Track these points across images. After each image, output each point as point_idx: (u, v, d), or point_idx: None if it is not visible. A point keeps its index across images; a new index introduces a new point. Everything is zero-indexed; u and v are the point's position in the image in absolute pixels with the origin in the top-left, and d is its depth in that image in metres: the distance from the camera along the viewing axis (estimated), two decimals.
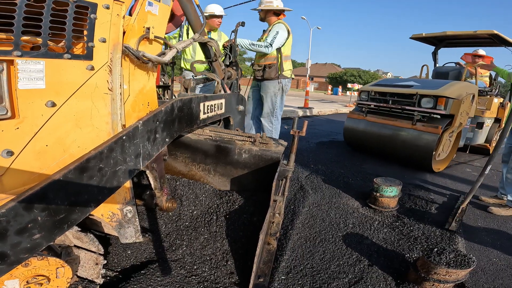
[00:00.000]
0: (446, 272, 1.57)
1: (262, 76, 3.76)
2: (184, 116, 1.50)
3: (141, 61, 1.23)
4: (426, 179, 3.79)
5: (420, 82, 4.39)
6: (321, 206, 2.60)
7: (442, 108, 3.78)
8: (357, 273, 1.76)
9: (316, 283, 1.65)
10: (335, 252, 1.95)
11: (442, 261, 1.57)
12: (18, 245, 0.81)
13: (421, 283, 1.64)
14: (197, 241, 1.76)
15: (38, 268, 1.06)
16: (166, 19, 1.34)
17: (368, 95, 4.58)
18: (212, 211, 1.94)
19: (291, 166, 1.90)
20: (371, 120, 4.50)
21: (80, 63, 1.06)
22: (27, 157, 0.98)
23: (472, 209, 2.94)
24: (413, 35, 5.66)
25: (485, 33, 4.83)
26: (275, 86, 3.79)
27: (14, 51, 0.94)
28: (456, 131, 3.94)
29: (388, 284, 1.69)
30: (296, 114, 9.32)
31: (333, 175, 3.59)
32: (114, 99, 1.14)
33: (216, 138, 2.10)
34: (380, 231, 2.28)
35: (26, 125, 0.97)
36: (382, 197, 2.64)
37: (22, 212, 0.81)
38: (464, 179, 3.94)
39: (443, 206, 2.90)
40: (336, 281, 1.67)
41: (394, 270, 1.81)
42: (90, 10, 1.06)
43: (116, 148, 1.05)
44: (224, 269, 1.61)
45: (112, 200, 1.20)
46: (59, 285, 1.12)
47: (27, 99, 0.97)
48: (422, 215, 2.65)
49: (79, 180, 0.94)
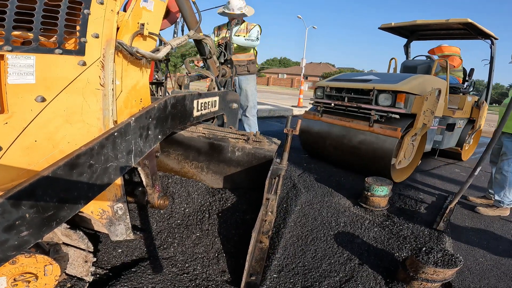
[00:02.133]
0: (434, 272, 1.58)
1: (248, 71, 4.08)
2: (177, 113, 1.49)
3: (134, 57, 1.21)
4: (416, 178, 3.84)
5: (380, 76, 3.74)
6: (313, 205, 2.62)
7: (401, 106, 3.15)
8: (348, 271, 1.78)
9: (308, 281, 1.66)
10: (327, 251, 1.97)
11: (430, 261, 1.59)
12: (5, 243, 0.80)
13: (409, 282, 1.66)
14: (189, 239, 1.75)
15: (26, 266, 1.05)
16: (161, 15, 1.32)
17: (323, 92, 3.84)
18: (204, 209, 1.93)
19: (284, 164, 1.90)
20: (326, 121, 3.84)
21: (71, 59, 1.04)
22: (15, 153, 0.97)
23: (460, 209, 2.99)
24: (382, 25, 4.92)
25: (457, 22, 4.14)
26: (255, 80, 4.19)
27: (4, 46, 0.92)
28: (420, 133, 3.27)
29: (378, 283, 1.71)
30: (290, 113, 9.35)
31: (325, 174, 3.61)
32: (106, 95, 1.13)
33: (210, 136, 2.09)
34: (370, 230, 2.31)
35: (14, 120, 0.96)
36: (373, 196, 2.66)
37: (9, 209, 0.79)
38: (453, 179, 4.00)
39: (432, 206, 2.95)
40: (327, 280, 1.69)
41: (384, 269, 1.84)
42: (84, 5, 1.05)
43: (107, 144, 1.04)
44: (216, 267, 1.61)
45: (102, 197, 1.18)
46: (47, 282, 1.11)
47: (17, 94, 0.95)
48: (411, 214, 2.69)
49: (69, 176, 0.93)
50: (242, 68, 4.07)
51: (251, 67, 4.11)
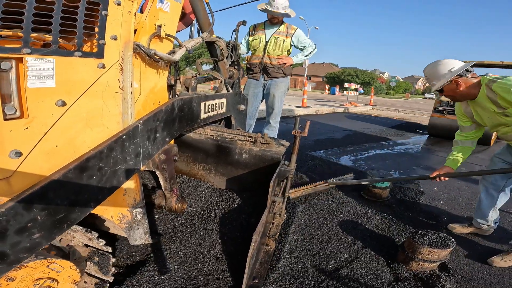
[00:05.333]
0: (429, 252, 1.71)
1: (283, 73, 3.77)
2: (184, 116, 1.48)
3: (152, 60, 1.20)
4: (417, 172, 3.97)
5: None
6: (319, 197, 2.73)
7: None
8: (352, 253, 1.92)
9: (316, 261, 1.82)
10: (332, 236, 2.11)
11: (425, 242, 1.73)
12: (17, 245, 0.80)
13: (408, 263, 1.79)
14: (192, 238, 1.73)
15: (46, 270, 1.03)
16: (178, 16, 1.31)
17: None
18: (211, 208, 1.92)
19: (292, 167, 1.88)
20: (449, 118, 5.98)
21: (91, 61, 1.02)
22: (36, 158, 0.95)
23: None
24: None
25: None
26: (286, 85, 3.86)
27: (23, 48, 0.90)
28: None
29: (380, 263, 1.84)
30: (294, 113, 9.32)
31: (329, 169, 3.76)
32: (125, 98, 1.11)
33: (217, 138, 2.08)
34: (372, 219, 2.42)
35: (35, 125, 0.94)
36: (375, 188, 2.77)
37: (21, 212, 0.80)
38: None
39: (430, 197, 3.09)
40: (334, 260, 1.84)
41: (385, 252, 1.97)
42: (102, 6, 1.03)
43: (116, 147, 1.04)
44: (218, 268, 1.59)
45: (122, 201, 1.17)
46: (67, 286, 1.09)
47: (37, 98, 0.93)
48: (411, 205, 2.81)
49: (79, 179, 0.93)
50: (277, 70, 3.73)
51: (287, 69, 3.77)
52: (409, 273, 1.75)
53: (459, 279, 1.79)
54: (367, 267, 1.79)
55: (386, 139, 6.41)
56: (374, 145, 5.64)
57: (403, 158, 4.84)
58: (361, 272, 1.74)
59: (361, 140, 6.05)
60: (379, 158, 4.72)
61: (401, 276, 1.73)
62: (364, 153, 4.93)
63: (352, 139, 6.11)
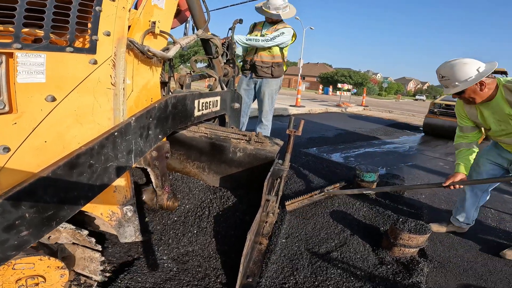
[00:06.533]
0: (409, 237, 1.86)
1: (271, 74, 3.76)
2: (178, 113, 1.47)
3: (145, 56, 1.19)
4: (403, 169, 4.19)
5: None
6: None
7: None
8: (341, 239, 2.09)
9: (309, 245, 1.98)
10: (324, 224, 2.29)
11: (405, 228, 1.88)
12: (5, 242, 0.79)
13: (391, 248, 1.93)
14: (185, 237, 1.72)
15: (34, 268, 1.02)
16: (173, 13, 1.30)
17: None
18: (204, 205, 1.92)
19: (286, 165, 1.89)
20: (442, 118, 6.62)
21: (83, 57, 1.01)
22: (24, 154, 0.94)
23: None
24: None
25: None
26: (277, 84, 3.86)
27: (14, 43, 0.89)
28: None
29: (367, 249, 2.00)
30: (288, 112, 9.35)
31: (321, 165, 3.85)
32: (117, 94, 1.11)
33: (211, 136, 2.07)
34: (360, 210, 2.60)
35: (24, 120, 0.93)
36: (363, 181, 2.93)
37: (9, 209, 0.79)
38: (437, 171, 4.28)
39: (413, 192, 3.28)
40: (325, 244, 2.01)
41: (371, 239, 2.13)
42: (95, 2, 1.02)
43: (108, 144, 1.03)
44: (212, 267, 1.59)
45: (112, 198, 1.16)
46: (55, 284, 1.08)
47: (26, 93, 0.92)
48: (395, 198, 2.98)
49: (69, 176, 0.92)
50: (265, 70, 3.72)
51: (276, 71, 3.72)
52: (392, 258, 1.92)
53: (435, 264, 1.98)
54: (355, 252, 1.95)
55: (375, 138, 6.56)
56: (364, 144, 5.79)
57: (390, 156, 4.99)
58: (350, 255, 1.90)
59: (352, 138, 6.18)
60: (368, 155, 4.87)
61: (385, 260, 1.90)
62: (354, 151, 5.07)
63: (343, 137, 6.22)
